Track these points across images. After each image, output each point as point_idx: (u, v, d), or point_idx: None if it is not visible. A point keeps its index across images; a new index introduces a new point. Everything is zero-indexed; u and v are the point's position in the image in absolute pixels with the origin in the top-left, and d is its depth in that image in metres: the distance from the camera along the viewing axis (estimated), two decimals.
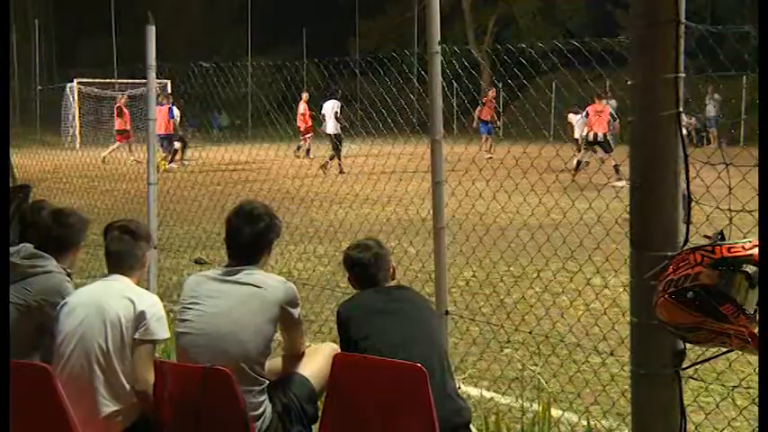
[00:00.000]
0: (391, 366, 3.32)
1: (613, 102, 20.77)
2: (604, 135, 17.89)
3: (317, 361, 3.96)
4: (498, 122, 24.46)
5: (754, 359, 3.33)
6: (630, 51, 2.93)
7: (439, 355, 3.68)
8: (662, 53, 2.85)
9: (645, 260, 2.91)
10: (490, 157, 19.22)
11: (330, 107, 19.79)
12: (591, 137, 17.88)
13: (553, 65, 6.43)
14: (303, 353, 4.01)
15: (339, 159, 19.16)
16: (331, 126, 19.68)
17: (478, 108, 23.64)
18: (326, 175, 17.93)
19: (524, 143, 6.15)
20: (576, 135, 20.05)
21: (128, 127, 23.45)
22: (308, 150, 23.20)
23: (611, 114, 18.14)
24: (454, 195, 5.70)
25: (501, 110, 25.86)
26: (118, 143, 23.40)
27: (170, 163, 20.87)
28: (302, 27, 45.02)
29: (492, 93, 24.04)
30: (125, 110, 23.77)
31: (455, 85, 6.69)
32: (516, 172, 5.63)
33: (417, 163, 6.22)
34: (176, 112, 22.28)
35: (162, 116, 21.05)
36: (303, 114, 22.87)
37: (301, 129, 23.11)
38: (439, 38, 4.50)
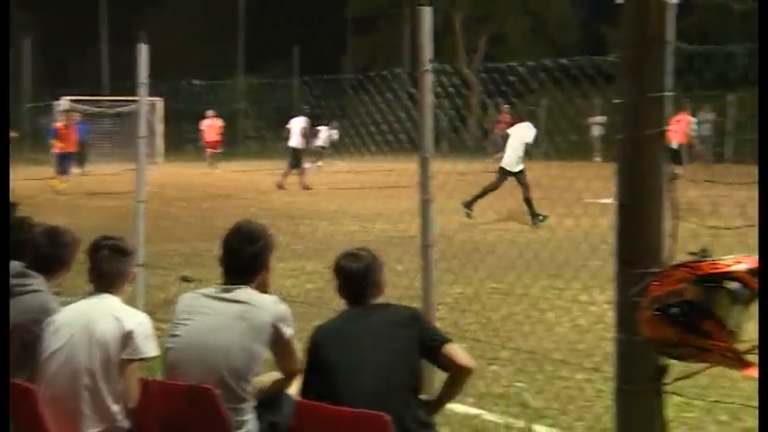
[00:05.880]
0: (356, 417, 3.25)
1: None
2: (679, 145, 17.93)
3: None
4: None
5: (736, 374, 3.35)
6: (619, 70, 2.96)
7: (410, 383, 3.57)
8: (648, 72, 2.88)
9: (630, 277, 2.93)
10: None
11: (298, 123, 20.47)
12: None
13: (542, 83, 6.46)
14: (296, 372, 3.98)
15: (303, 173, 19.92)
16: (295, 141, 20.38)
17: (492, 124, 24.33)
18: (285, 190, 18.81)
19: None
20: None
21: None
22: (213, 164, 24.55)
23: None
24: (443, 212, 5.71)
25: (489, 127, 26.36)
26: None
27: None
28: (293, 45, 45.14)
29: (505, 108, 24.10)
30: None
31: (446, 102, 6.71)
32: (505, 189, 5.64)
33: (406, 180, 6.24)
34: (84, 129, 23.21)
35: (69, 133, 20.95)
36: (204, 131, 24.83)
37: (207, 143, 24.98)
38: (431, 56, 4.52)
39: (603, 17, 34.29)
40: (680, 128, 17.79)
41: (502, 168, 12.30)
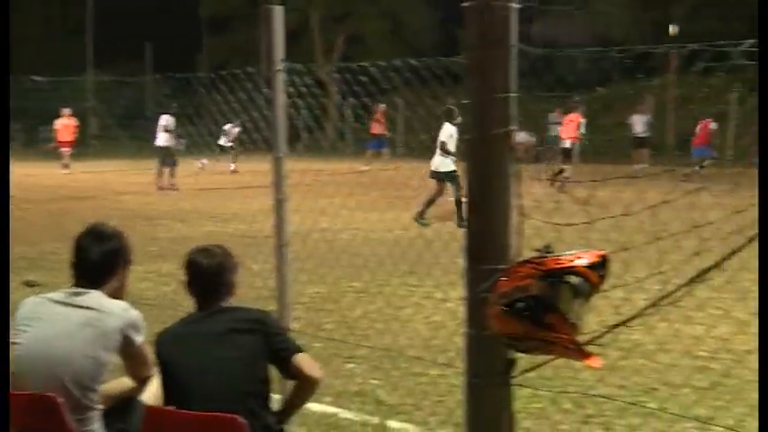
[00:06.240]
0: (210, 420, 3.17)
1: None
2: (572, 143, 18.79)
3: (157, 386, 3.83)
4: (387, 135, 24.68)
5: (578, 365, 3.50)
6: (466, 71, 3.02)
7: (257, 389, 3.49)
8: (494, 74, 2.95)
9: (479, 273, 3.00)
10: (368, 170, 20.34)
11: (163, 122, 20.12)
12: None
13: (394, 84, 6.54)
14: (147, 378, 3.86)
15: (161, 174, 19.46)
16: (161, 139, 19.95)
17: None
18: (178, 190, 18.15)
19: (361, 159, 6.23)
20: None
21: None
22: (67, 165, 24.30)
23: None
24: (298, 212, 5.69)
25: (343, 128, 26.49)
26: None
27: None
28: (146, 42, 44.05)
29: (381, 107, 23.93)
30: None
31: (300, 102, 6.69)
32: (359, 188, 5.69)
33: (261, 179, 6.19)
34: None
35: None
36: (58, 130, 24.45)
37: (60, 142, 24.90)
38: (282, 56, 4.50)
39: (456, 19, 35.05)
40: (572, 127, 18.86)
41: (432, 172, 12.06)
